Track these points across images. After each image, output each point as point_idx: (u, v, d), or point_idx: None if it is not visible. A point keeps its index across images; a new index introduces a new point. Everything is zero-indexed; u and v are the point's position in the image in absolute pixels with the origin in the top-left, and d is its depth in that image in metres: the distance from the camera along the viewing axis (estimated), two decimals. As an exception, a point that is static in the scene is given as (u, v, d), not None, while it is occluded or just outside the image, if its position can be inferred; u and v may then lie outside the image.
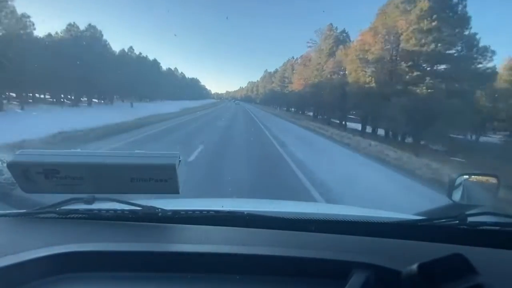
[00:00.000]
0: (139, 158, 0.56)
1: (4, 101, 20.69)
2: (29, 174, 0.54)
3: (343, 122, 24.58)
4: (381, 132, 20.00)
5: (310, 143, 11.64)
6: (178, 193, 0.58)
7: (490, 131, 23.40)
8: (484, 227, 0.72)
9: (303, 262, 0.56)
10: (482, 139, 21.73)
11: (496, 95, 18.79)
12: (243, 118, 23.39)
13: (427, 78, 15.60)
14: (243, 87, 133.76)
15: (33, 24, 22.84)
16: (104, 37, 31.31)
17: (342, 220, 0.77)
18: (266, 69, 71.21)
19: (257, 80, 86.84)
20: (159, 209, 0.72)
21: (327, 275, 0.54)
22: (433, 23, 14.82)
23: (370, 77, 18.18)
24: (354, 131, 19.00)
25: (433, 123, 13.64)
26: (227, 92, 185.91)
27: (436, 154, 12.42)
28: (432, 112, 13.75)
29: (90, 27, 29.36)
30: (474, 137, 21.34)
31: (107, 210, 0.72)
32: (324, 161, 7.75)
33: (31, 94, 26.22)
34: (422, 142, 15.41)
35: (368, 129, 20.91)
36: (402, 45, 16.47)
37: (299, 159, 7.09)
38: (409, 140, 16.87)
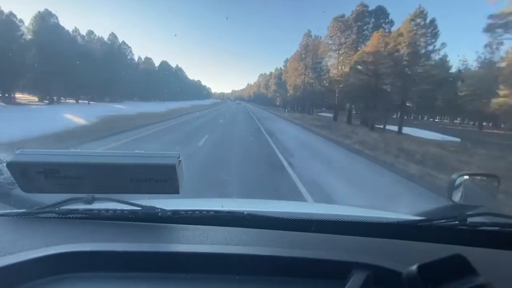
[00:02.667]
0: (139, 158, 0.56)
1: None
2: (28, 174, 0.54)
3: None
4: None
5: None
6: (178, 193, 0.58)
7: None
8: (484, 228, 0.72)
9: (303, 262, 0.55)
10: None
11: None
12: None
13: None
14: (253, 83, 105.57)
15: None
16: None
17: (342, 221, 0.77)
18: (308, 32, 33.01)
19: (279, 68, 51.51)
20: (159, 209, 0.72)
21: (327, 275, 0.54)
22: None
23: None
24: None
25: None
26: (233, 91, 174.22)
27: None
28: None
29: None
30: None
31: (107, 210, 0.72)
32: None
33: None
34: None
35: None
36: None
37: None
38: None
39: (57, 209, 0.70)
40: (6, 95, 23.61)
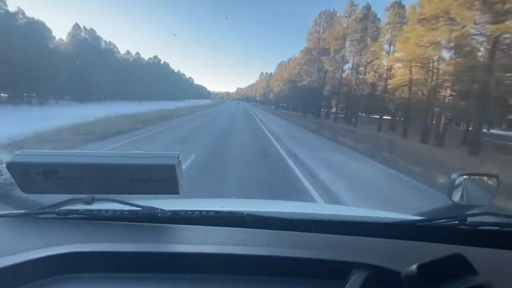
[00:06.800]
0: (138, 158, 0.56)
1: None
2: (28, 174, 0.54)
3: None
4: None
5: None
6: (177, 193, 0.58)
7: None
8: (484, 227, 0.72)
9: (303, 263, 0.56)
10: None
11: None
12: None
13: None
14: (269, 72, 72.92)
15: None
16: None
17: (342, 221, 0.77)
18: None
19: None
20: (159, 210, 0.72)
21: (327, 275, 0.54)
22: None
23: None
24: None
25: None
26: (238, 90, 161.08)
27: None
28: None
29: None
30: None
31: (107, 211, 0.72)
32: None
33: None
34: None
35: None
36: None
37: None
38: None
39: (56, 209, 0.70)
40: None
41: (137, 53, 52.20)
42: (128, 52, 49.03)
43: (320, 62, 30.97)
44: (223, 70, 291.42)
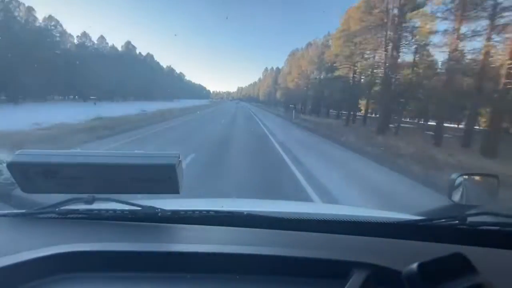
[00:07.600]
0: (138, 158, 0.56)
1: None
2: (28, 174, 0.54)
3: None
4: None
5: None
6: (178, 193, 0.58)
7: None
8: (484, 227, 0.72)
9: (303, 262, 0.56)
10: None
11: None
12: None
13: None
14: (276, 67, 62.61)
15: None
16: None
17: (342, 220, 0.77)
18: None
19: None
20: (159, 209, 0.72)
21: (327, 275, 0.54)
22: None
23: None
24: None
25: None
26: (239, 89, 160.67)
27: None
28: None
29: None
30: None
31: (107, 210, 0.72)
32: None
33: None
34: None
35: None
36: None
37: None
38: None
39: (57, 209, 0.70)
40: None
41: (101, 37, 39.39)
42: (84, 34, 35.37)
43: (395, 27, 14.32)
44: (223, 70, 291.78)
